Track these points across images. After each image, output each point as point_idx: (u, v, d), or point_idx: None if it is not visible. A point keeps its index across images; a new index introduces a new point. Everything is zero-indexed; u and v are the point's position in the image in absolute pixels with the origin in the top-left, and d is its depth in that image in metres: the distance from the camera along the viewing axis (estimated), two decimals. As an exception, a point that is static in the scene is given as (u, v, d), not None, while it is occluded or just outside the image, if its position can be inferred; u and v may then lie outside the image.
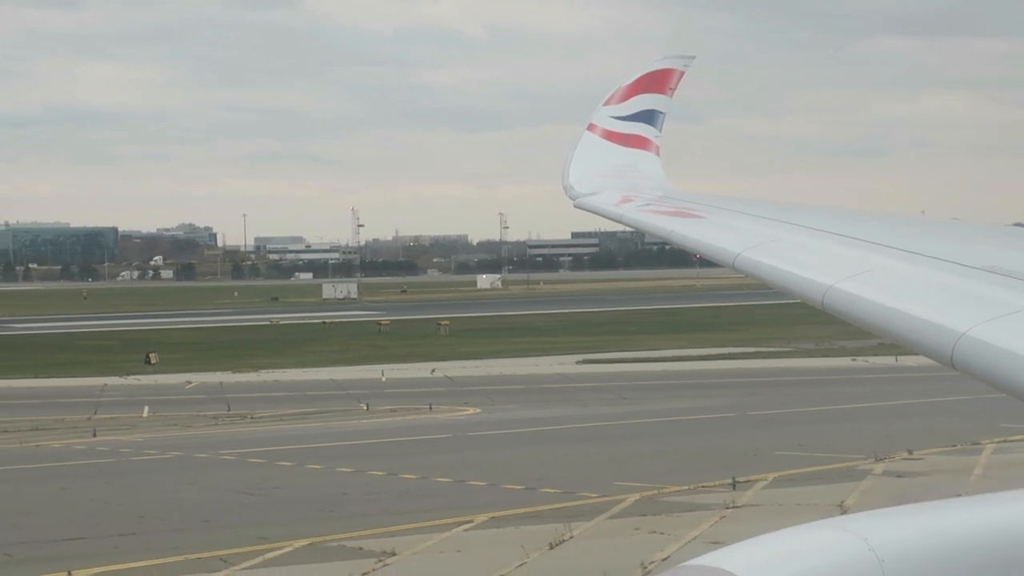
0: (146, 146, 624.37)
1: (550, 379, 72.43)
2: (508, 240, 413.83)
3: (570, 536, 31.46)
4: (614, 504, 35.89)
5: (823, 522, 5.87)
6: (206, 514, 36.05)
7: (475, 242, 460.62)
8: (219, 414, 59.86)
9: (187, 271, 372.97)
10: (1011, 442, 44.28)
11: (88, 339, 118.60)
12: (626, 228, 17.14)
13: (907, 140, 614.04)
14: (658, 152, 18.76)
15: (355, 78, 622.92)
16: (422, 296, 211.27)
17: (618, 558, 29.00)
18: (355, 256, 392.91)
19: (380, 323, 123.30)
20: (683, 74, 19.32)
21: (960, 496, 5.03)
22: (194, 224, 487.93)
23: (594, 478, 39.98)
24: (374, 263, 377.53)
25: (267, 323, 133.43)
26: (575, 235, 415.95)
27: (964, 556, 5.67)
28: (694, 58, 19.59)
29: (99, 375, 79.96)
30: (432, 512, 35.48)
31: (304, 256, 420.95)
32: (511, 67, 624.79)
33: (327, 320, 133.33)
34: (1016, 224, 28.46)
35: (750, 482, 38.30)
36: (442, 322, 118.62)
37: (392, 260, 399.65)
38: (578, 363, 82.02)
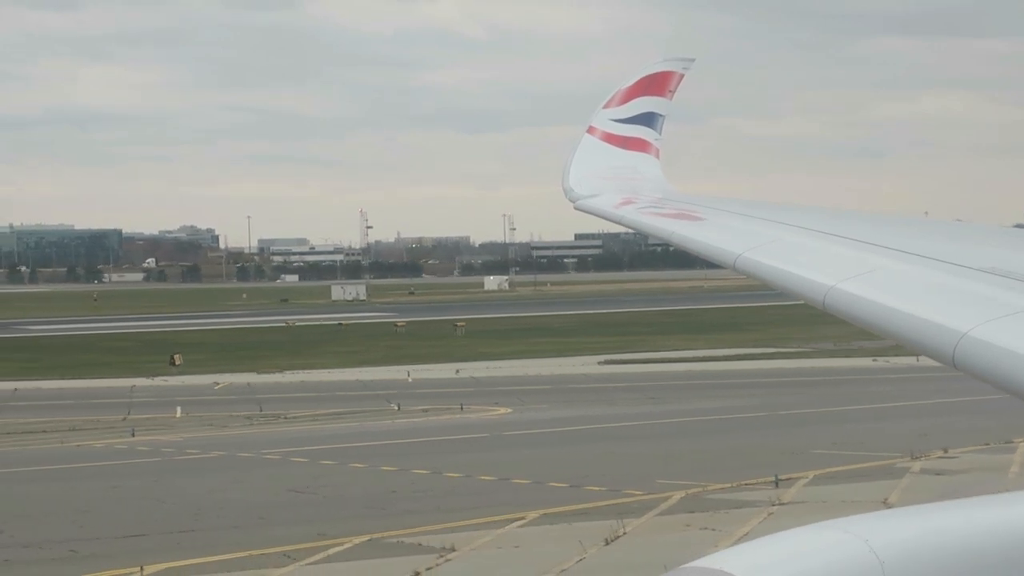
0: (147, 148, 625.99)
1: (575, 379, 73.15)
2: (511, 242, 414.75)
3: (624, 532, 32.13)
4: (661, 501, 36.58)
5: (824, 523, 5.86)
6: (260, 512, 36.73)
7: (477, 243, 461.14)
8: (252, 414, 60.56)
9: (192, 273, 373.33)
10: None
11: (105, 341, 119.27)
12: (630, 230, 17.12)
13: (907, 140, 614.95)
14: (658, 155, 18.78)
15: (356, 79, 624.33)
16: (430, 297, 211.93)
17: (674, 554, 29.58)
18: (359, 257, 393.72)
19: (396, 324, 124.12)
20: (683, 76, 19.33)
21: (961, 498, 5.18)
22: (195, 226, 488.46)
23: (637, 476, 40.67)
24: (379, 264, 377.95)
25: (283, 324, 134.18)
26: (578, 236, 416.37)
27: (965, 557, 5.68)
28: (694, 60, 19.62)
29: (124, 376, 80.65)
30: (481, 509, 36.19)
31: (308, 258, 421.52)
32: (511, 68, 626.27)
33: (342, 322, 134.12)
34: (1017, 225, 29.05)
35: (791, 480, 38.97)
36: (458, 323, 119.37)
37: (397, 262, 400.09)
38: (600, 363, 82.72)
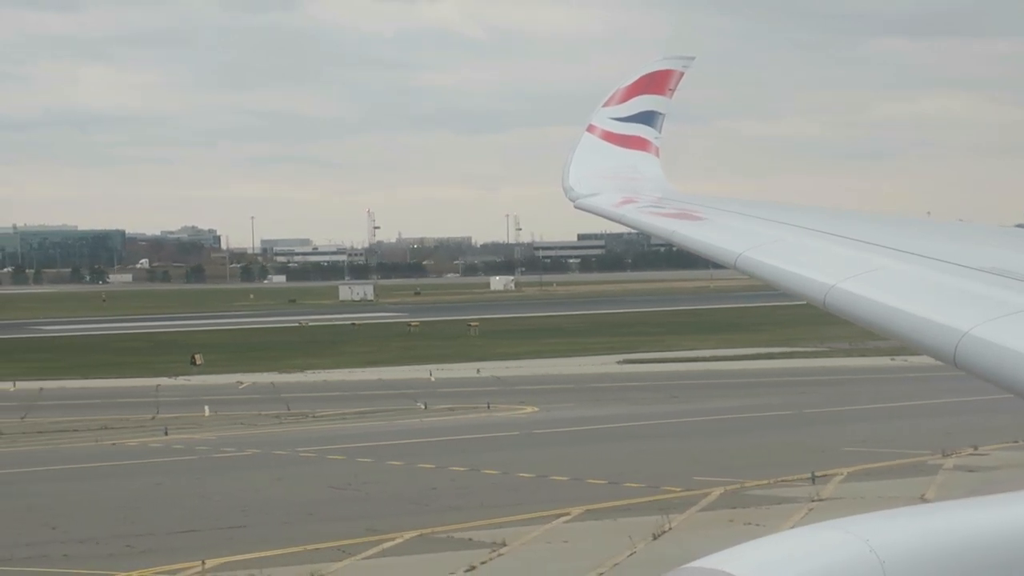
0: (147, 149, 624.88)
1: (596, 379, 73.73)
2: (510, 243, 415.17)
3: (669, 528, 32.77)
4: (701, 497, 37.19)
5: (824, 524, 5.88)
6: (306, 508, 37.34)
7: (478, 244, 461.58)
8: (280, 413, 61.13)
9: (197, 273, 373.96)
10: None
11: (119, 341, 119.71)
12: (631, 229, 17.20)
13: (908, 141, 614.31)
14: (658, 153, 18.73)
15: (356, 80, 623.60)
16: (437, 298, 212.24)
17: (721, 548, 30.23)
18: (362, 258, 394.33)
19: (410, 324, 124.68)
20: (682, 75, 19.27)
21: (961, 498, 5.39)
22: (197, 227, 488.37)
23: (674, 473, 41.28)
24: (382, 265, 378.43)
25: (296, 325, 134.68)
26: (581, 237, 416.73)
27: (965, 557, 5.70)
28: (693, 59, 19.59)
29: (144, 376, 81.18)
30: (524, 506, 36.82)
31: (311, 258, 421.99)
32: (511, 68, 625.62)
33: (355, 322, 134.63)
34: (1018, 225, 29.48)
35: (826, 476, 39.57)
36: (471, 323, 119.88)
37: (400, 262, 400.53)
38: (619, 363, 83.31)
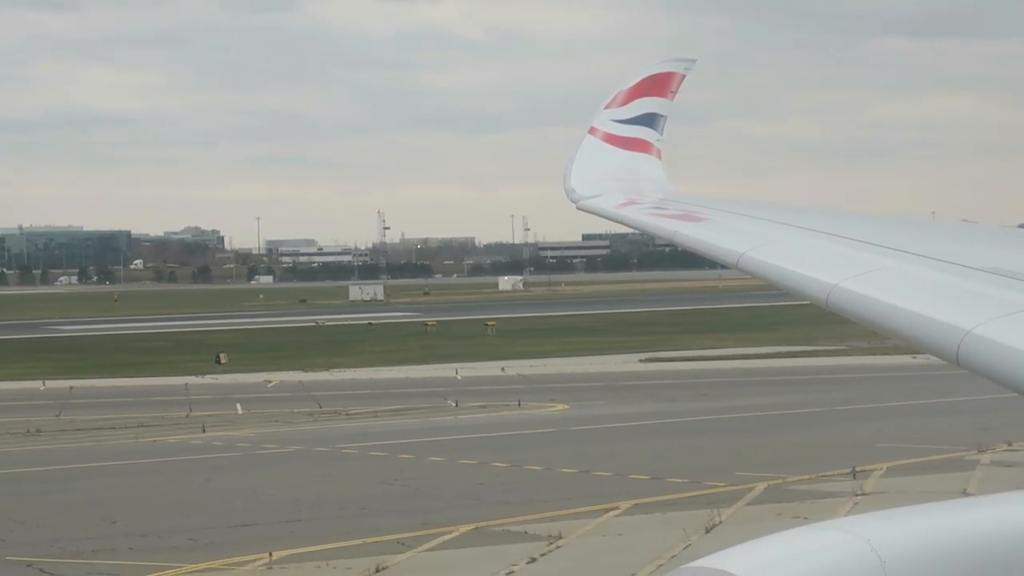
0: (149, 150, 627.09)
1: (622, 377, 74.47)
2: (517, 242, 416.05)
3: (720, 521, 33.47)
4: (745, 492, 37.91)
5: (825, 523, 5.91)
6: (358, 502, 38.09)
7: (481, 244, 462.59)
8: (313, 411, 61.86)
9: (203, 274, 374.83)
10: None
11: (138, 341, 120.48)
12: (634, 230, 17.40)
13: (910, 141, 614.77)
14: (659, 155, 18.77)
15: (356, 81, 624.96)
16: (447, 297, 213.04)
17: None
18: (367, 258, 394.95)
19: (427, 324, 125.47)
20: (684, 77, 19.31)
21: (961, 497, 5.58)
22: (200, 227, 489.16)
23: (714, 468, 42.01)
24: (390, 265, 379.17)
25: (312, 324, 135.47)
26: (586, 237, 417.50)
27: (965, 557, 5.72)
28: (695, 61, 19.65)
29: (171, 375, 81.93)
30: (572, 500, 37.50)
31: (316, 258, 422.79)
32: (511, 69, 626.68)
33: (371, 322, 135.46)
34: (1020, 225, 30.01)
35: (866, 472, 40.26)
36: (488, 323, 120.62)
37: (407, 262, 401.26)
38: (641, 361, 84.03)
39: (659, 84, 19.01)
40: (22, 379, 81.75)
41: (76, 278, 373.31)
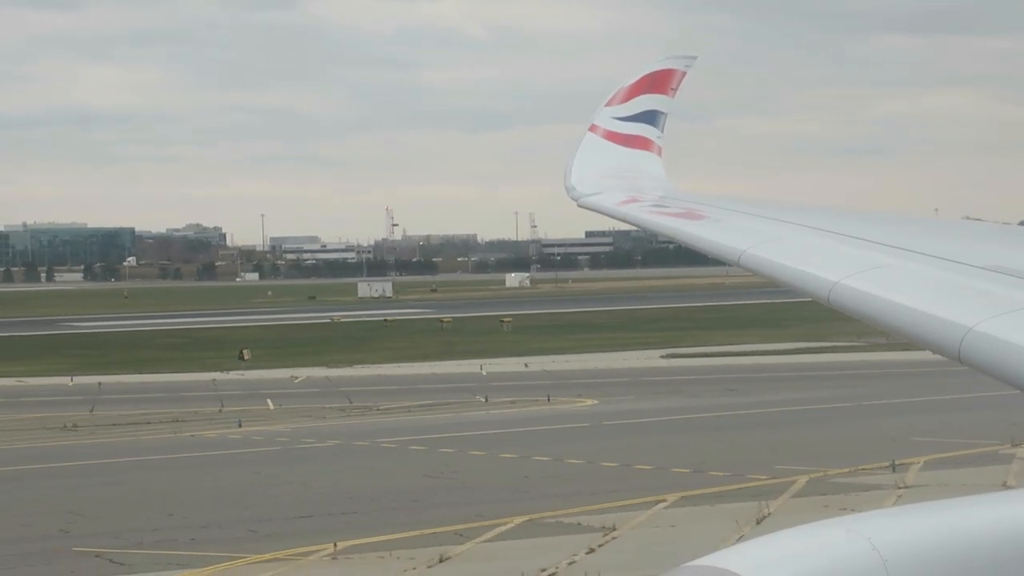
0: (149, 147, 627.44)
1: (646, 372, 75.15)
2: (519, 239, 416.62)
3: (769, 512, 34.17)
4: (788, 485, 38.61)
5: (827, 522, 5.92)
6: (409, 495, 38.81)
7: (483, 241, 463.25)
8: (344, 406, 62.47)
9: (208, 271, 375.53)
10: None
11: (158, 337, 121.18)
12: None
13: (910, 138, 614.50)
14: (660, 153, 18.75)
15: (356, 79, 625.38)
16: (454, 294, 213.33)
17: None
18: (370, 255, 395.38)
19: (442, 320, 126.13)
20: (685, 74, 19.28)
21: (962, 496, 5.85)
22: (201, 224, 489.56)
23: (754, 462, 42.71)
24: (396, 262, 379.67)
25: (328, 321, 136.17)
26: (589, 234, 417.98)
27: (967, 555, 5.74)
28: (695, 58, 19.65)
29: (195, 371, 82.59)
30: (619, 493, 38.25)
31: (320, 255, 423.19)
32: (512, 67, 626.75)
33: (387, 318, 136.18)
34: (1022, 222, 30.53)
35: (904, 465, 40.93)
36: (504, 319, 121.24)
37: (411, 259, 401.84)
38: (663, 357, 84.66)
39: (660, 81, 19.03)
40: (49, 375, 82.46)
41: (82, 275, 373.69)
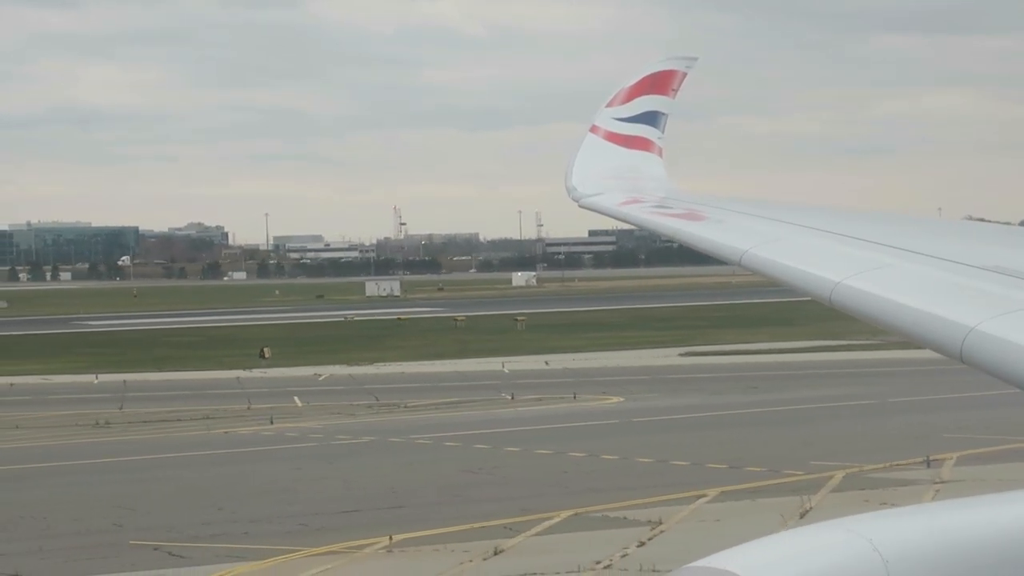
0: (150, 146, 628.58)
1: (667, 370, 75.81)
2: (522, 238, 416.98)
3: (811, 507, 34.72)
4: (825, 480, 39.19)
5: (827, 523, 5.93)
6: (451, 490, 39.43)
7: (486, 240, 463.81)
8: (371, 404, 63.06)
9: (212, 270, 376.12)
10: None
11: (173, 335, 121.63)
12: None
13: (911, 138, 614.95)
14: (661, 153, 18.80)
15: (357, 78, 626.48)
16: (462, 294, 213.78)
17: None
18: (374, 253, 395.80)
19: (456, 319, 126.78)
20: (685, 75, 19.33)
21: (963, 496, 6.06)
22: (203, 223, 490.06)
23: (789, 458, 43.31)
24: (394, 262, 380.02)
25: (341, 320, 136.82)
26: (592, 233, 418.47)
27: (968, 556, 5.74)
28: (696, 59, 19.69)
29: (217, 369, 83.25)
30: (659, 488, 38.78)
31: (324, 254, 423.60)
32: (512, 66, 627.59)
33: (400, 317, 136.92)
34: (1023, 223, 31.26)
35: (939, 461, 41.52)
36: (518, 318, 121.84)
37: (415, 258, 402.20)
38: (681, 355, 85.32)
39: (660, 82, 19.09)
40: (73, 373, 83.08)
41: (86, 274, 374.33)
